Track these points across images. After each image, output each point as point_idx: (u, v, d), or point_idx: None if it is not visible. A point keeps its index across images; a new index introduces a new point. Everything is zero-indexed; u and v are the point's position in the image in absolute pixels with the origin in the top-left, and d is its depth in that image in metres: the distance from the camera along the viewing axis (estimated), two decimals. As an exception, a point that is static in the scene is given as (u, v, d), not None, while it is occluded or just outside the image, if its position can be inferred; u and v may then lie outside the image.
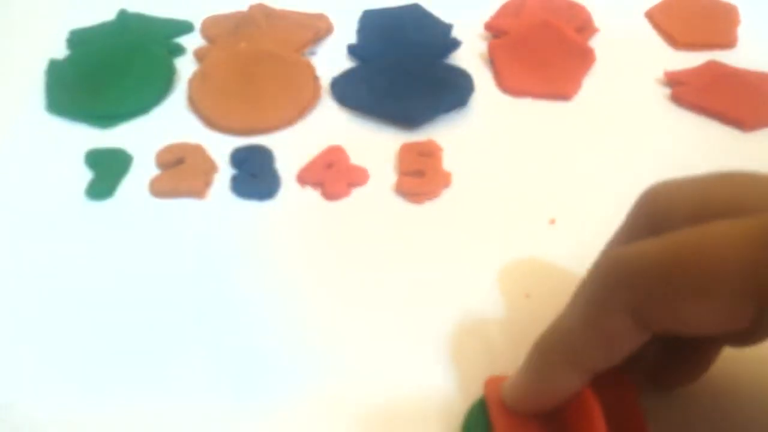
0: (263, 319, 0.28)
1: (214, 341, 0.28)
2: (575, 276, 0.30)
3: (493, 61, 0.41)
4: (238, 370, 0.27)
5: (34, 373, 0.27)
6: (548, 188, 0.34)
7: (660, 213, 0.21)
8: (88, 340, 0.28)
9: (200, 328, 0.28)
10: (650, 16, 0.45)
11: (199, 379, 0.26)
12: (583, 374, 0.21)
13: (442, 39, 0.42)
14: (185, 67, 0.41)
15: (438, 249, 0.31)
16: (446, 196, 0.33)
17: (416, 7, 0.44)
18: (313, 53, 0.42)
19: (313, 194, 0.34)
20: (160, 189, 0.34)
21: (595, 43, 0.42)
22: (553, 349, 0.21)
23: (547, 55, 0.40)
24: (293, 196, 0.34)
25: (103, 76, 0.39)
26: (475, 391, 0.25)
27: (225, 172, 0.35)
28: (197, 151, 0.35)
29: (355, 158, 0.35)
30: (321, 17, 0.44)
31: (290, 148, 0.36)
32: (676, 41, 0.43)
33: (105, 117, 0.37)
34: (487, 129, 0.37)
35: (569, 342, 0.21)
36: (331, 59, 0.41)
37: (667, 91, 0.39)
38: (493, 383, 0.24)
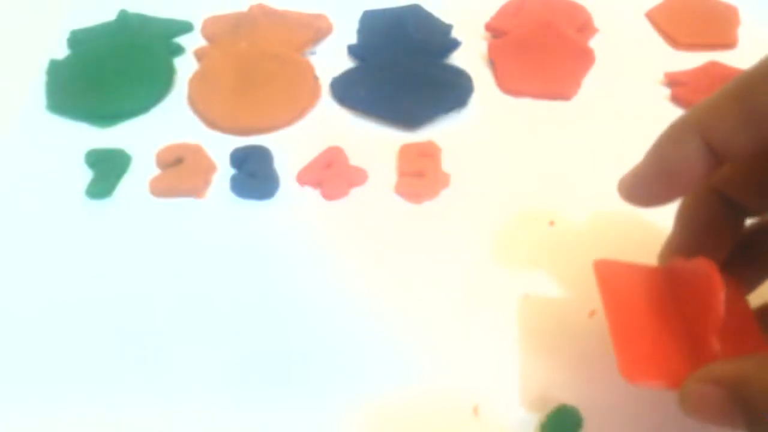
0: (262, 319, 0.28)
1: (213, 340, 0.28)
2: (574, 276, 0.30)
3: (493, 61, 0.40)
4: (238, 369, 0.27)
5: (33, 372, 0.27)
6: (547, 189, 0.34)
7: None
8: (88, 339, 0.28)
9: (200, 328, 0.28)
10: (650, 16, 0.45)
11: (200, 379, 0.26)
12: (704, 147, 0.21)
13: (442, 39, 0.42)
14: (185, 67, 0.41)
15: (437, 250, 0.31)
16: (445, 196, 0.33)
17: (416, 7, 0.44)
18: (313, 53, 0.42)
19: (312, 194, 0.34)
20: (159, 188, 0.34)
21: (595, 43, 0.42)
22: (684, 116, 0.22)
23: (547, 55, 0.40)
24: (292, 196, 0.34)
25: (103, 76, 0.39)
26: (474, 391, 0.25)
27: (224, 172, 0.35)
28: (196, 150, 0.35)
29: (355, 158, 0.35)
30: (321, 17, 0.44)
31: (290, 148, 0.36)
32: (676, 41, 0.43)
33: (105, 116, 0.37)
34: (487, 129, 0.37)
35: (703, 108, 0.21)
36: (331, 59, 0.41)
37: (667, 91, 0.39)
38: (602, 264, 0.25)
